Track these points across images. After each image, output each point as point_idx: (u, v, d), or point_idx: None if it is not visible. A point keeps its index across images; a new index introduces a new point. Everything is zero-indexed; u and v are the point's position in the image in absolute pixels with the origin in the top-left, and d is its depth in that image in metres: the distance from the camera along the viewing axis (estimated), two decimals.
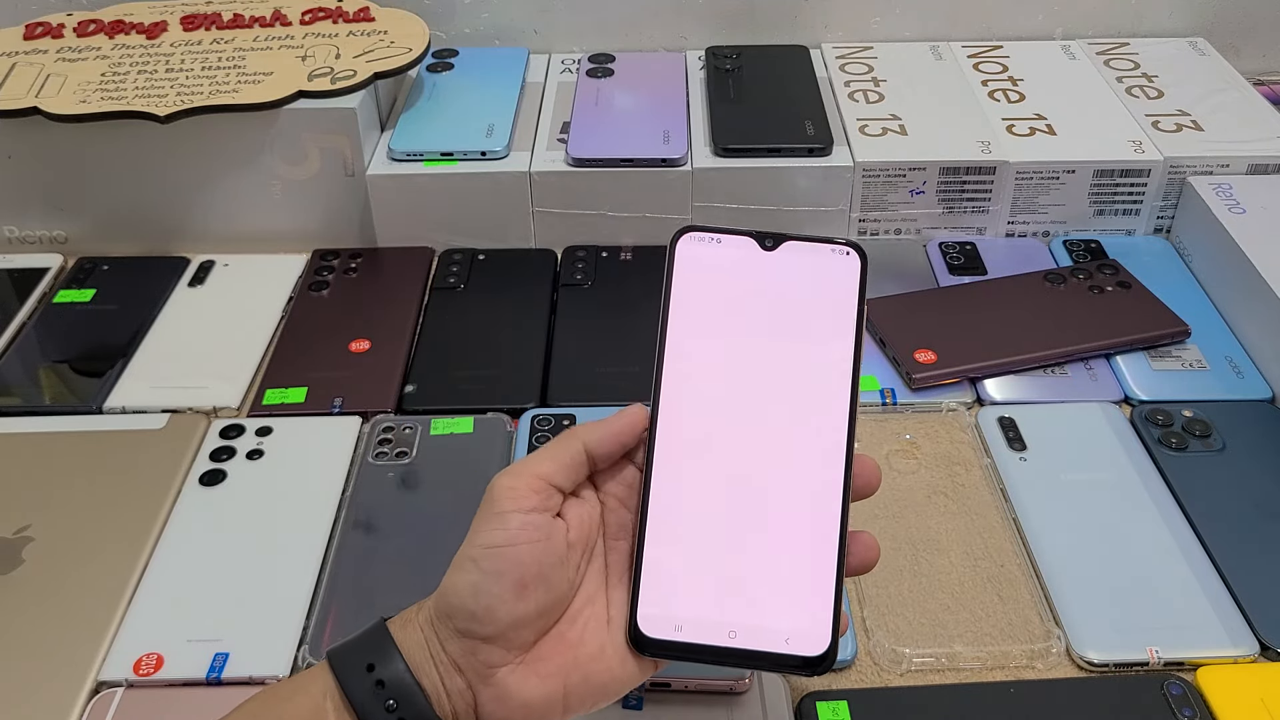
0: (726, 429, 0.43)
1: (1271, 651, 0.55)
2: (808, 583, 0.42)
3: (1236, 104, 0.88)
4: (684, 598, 0.42)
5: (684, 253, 0.45)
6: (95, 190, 0.82)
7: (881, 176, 0.81)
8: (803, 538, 0.42)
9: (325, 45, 0.85)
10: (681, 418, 0.43)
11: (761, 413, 0.44)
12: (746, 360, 0.44)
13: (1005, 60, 0.95)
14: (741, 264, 0.45)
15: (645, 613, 0.41)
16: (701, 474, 0.43)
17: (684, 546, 0.42)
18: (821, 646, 0.41)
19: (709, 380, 0.44)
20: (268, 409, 0.70)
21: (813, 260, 0.45)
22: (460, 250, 0.84)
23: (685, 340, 0.44)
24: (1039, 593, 0.58)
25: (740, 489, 0.43)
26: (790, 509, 0.43)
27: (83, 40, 0.86)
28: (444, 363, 0.73)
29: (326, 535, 0.61)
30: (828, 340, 0.44)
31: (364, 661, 0.41)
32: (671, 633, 0.41)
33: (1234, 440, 0.66)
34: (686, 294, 0.45)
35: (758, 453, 0.43)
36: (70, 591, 0.58)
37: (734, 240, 0.45)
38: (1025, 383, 0.71)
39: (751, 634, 0.41)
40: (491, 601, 0.40)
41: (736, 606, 0.42)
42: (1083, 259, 0.81)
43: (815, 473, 0.43)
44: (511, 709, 0.40)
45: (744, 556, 0.42)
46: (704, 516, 0.43)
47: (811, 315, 0.44)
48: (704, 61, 0.95)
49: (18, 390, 0.72)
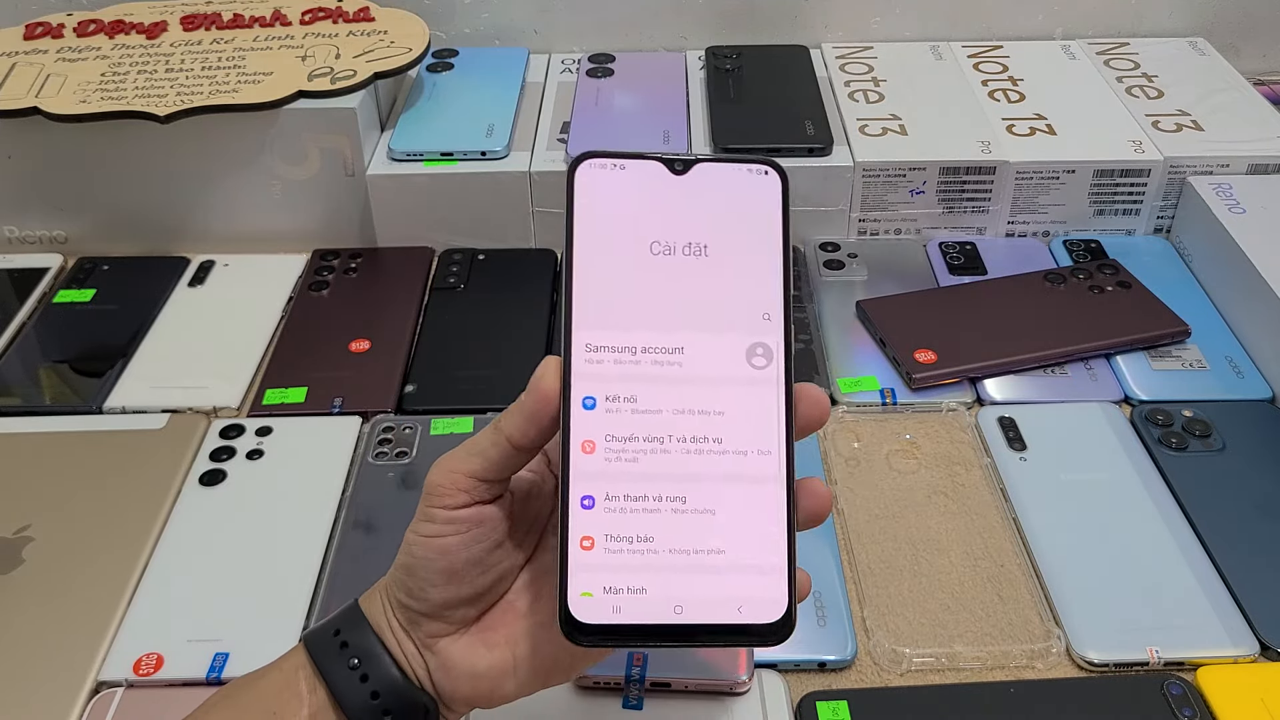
0: (651, 373, 0.38)
1: (1271, 651, 0.55)
2: (759, 542, 0.38)
3: (1236, 104, 0.88)
4: (619, 573, 0.37)
5: (584, 181, 0.40)
6: (95, 190, 0.82)
7: (881, 176, 0.81)
8: (747, 491, 0.38)
9: (325, 45, 0.85)
10: (599, 365, 0.38)
11: (689, 353, 0.39)
12: (666, 294, 0.39)
13: (1005, 60, 0.95)
14: (652, 190, 0.40)
15: (576, 595, 0.37)
16: (627, 428, 0.38)
17: (615, 513, 0.37)
18: (778, 612, 0.37)
19: (626, 320, 0.39)
20: (268, 409, 0.70)
21: (728, 182, 0.40)
22: (460, 250, 0.84)
23: (596, 276, 0.39)
24: (1039, 593, 0.58)
25: (673, 442, 0.38)
26: (730, 460, 0.38)
27: (83, 40, 0.86)
28: (444, 363, 0.73)
29: (326, 535, 0.61)
30: (753, 267, 0.40)
31: (332, 629, 0.42)
32: (609, 614, 0.36)
33: (1234, 440, 0.66)
34: (592, 225, 0.40)
35: (689, 399, 0.38)
36: (70, 591, 0.58)
37: (640, 165, 0.40)
38: (1025, 383, 0.71)
39: (700, 606, 0.37)
40: (421, 584, 0.40)
41: (680, 576, 0.37)
42: (1083, 259, 0.81)
43: (754, 417, 0.38)
44: (457, 678, 0.41)
45: (684, 519, 0.38)
46: (635, 476, 0.38)
47: (733, 240, 0.40)
48: (704, 61, 0.95)
49: (18, 390, 0.72)
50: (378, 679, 0.40)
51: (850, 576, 0.59)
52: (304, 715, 0.40)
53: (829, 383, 0.71)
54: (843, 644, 0.55)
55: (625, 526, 0.38)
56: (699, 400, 0.39)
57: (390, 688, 0.40)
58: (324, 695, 0.40)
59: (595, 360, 0.39)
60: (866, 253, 0.82)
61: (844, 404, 0.70)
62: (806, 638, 0.55)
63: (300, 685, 0.41)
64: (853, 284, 0.80)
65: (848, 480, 0.64)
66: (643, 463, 0.38)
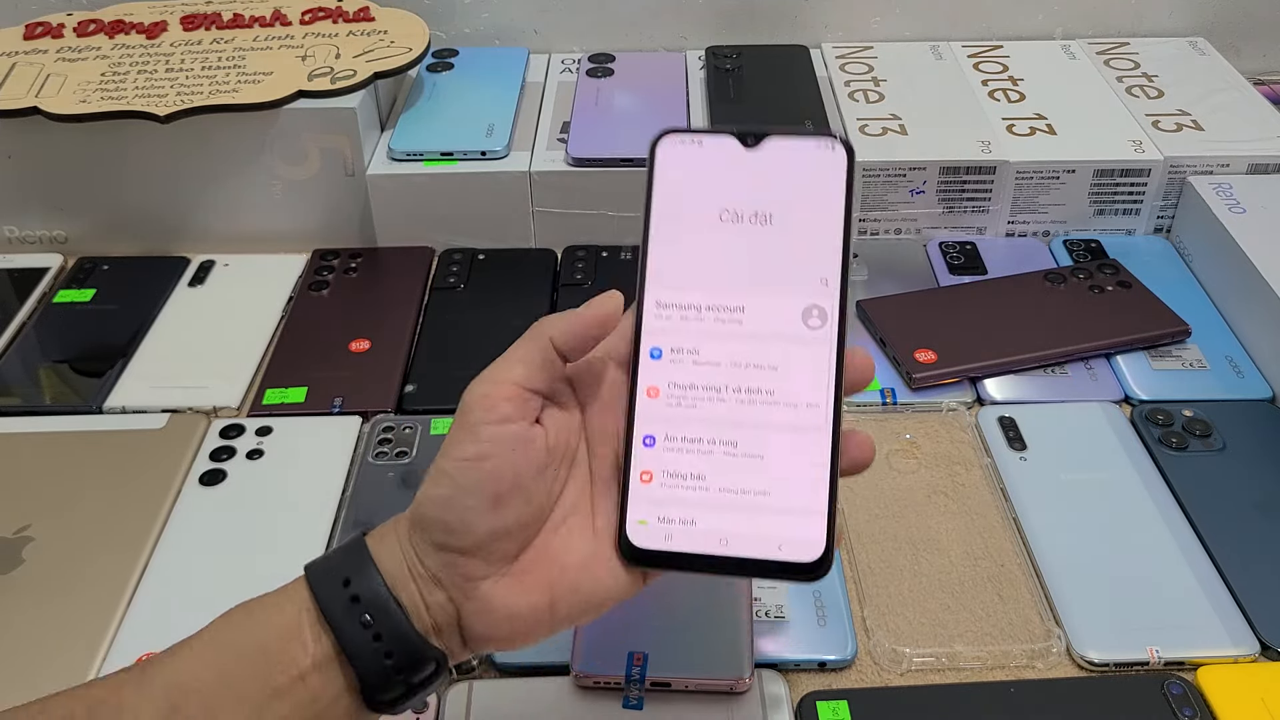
0: (713, 329, 0.42)
1: (1271, 651, 0.55)
2: (802, 487, 0.41)
3: (1236, 104, 0.88)
4: (673, 506, 0.41)
5: (665, 154, 0.44)
6: (95, 190, 0.82)
7: (881, 176, 0.81)
8: (795, 440, 0.42)
9: (325, 45, 0.85)
10: (667, 320, 0.42)
11: (749, 312, 0.42)
12: (732, 258, 0.43)
13: (1005, 60, 0.95)
14: (724, 162, 0.44)
15: (634, 522, 0.41)
16: (689, 378, 0.42)
17: (672, 453, 0.42)
18: (816, 552, 0.40)
19: (694, 280, 0.43)
20: (268, 409, 0.70)
21: (797, 155, 0.43)
22: (460, 250, 0.84)
23: (669, 240, 0.43)
24: (1039, 592, 0.58)
25: (729, 392, 0.42)
26: (781, 411, 0.42)
27: (83, 40, 0.86)
28: (444, 363, 0.73)
29: (326, 535, 0.61)
30: (815, 236, 0.43)
31: (340, 577, 0.40)
32: (662, 542, 0.41)
33: (1234, 440, 0.66)
34: (669, 194, 0.44)
35: (746, 354, 0.42)
36: (70, 591, 0.58)
37: (715, 140, 0.44)
38: (1025, 383, 0.71)
39: (744, 541, 0.41)
40: (466, 515, 0.39)
41: (727, 513, 0.41)
42: (1083, 259, 0.81)
43: (806, 372, 0.42)
44: (496, 621, 0.40)
45: (734, 461, 0.41)
46: (692, 421, 0.42)
47: (797, 211, 0.43)
48: (704, 61, 0.95)
49: (18, 390, 0.72)
50: (391, 637, 0.39)
51: (850, 576, 0.59)
52: (307, 664, 0.39)
53: None
54: (843, 644, 0.55)
55: (681, 465, 0.41)
56: (756, 355, 0.42)
57: (402, 644, 0.39)
58: (329, 645, 0.39)
59: (664, 315, 0.42)
60: (866, 253, 0.82)
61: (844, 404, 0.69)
62: (806, 637, 0.55)
63: (304, 633, 0.39)
64: (853, 284, 0.79)
65: (848, 480, 0.64)
66: (700, 409, 0.42)
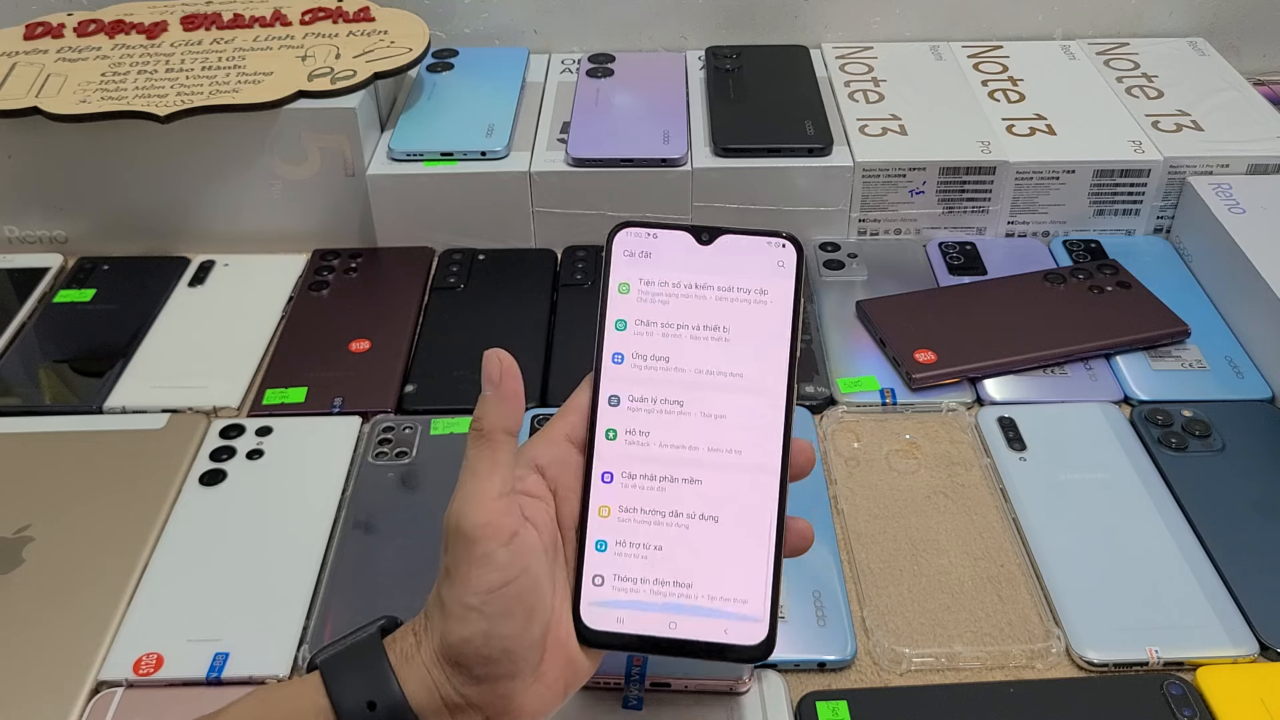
0: (665, 419, 0.45)
1: (1271, 651, 0.54)
2: (746, 572, 0.44)
3: (1236, 104, 0.88)
4: (625, 590, 0.44)
5: (621, 247, 0.46)
6: (95, 190, 0.82)
7: (881, 176, 0.81)
8: (740, 528, 0.44)
9: (325, 45, 0.85)
10: (620, 410, 0.45)
11: (699, 403, 0.45)
12: (684, 350, 0.46)
13: (1005, 60, 0.95)
14: (678, 257, 0.46)
15: (588, 606, 0.43)
16: (640, 466, 0.45)
17: (624, 539, 0.44)
18: (760, 635, 0.43)
19: (648, 371, 0.45)
20: (268, 409, 0.70)
21: (749, 252, 0.46)
22: (460, 250, 0.84)
23: (623, 332, 0.46)
24: (1039, 593, 0.58)
25: (678, 480, 0.45)
26: (728, 498, 0.44)
27: (83, 40, 0.86)
28: (444, 363, 0.73)
29: (326, 535, 0.61)
30: (765, 331, 0.46)
31: (364, 697, 0.40)
32: (614, 624, 0.43)
33: (1234, 440, 0.66)
34: (622, 288, 0.46)
35: (695, 442, 0.45)
36: (70, 591, 0.58)
37: (670, 235, 0.46)
38: (1025, 383, 0.71)
39: (691, 624, 0.43)
40: (507, 643, 0.40)
41: (676, 597, 0.43)
42: (1083, 259, 0.81)
43: (752, 461, 0.45)
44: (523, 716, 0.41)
45: (683, 548, 0.44)
46: (643, 509, 0.44)
47: (748, 307, 0.46)
48: (704, 61, 0.95)
49: (18, 390, 0.72)
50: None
51: (850, 576, 0.59)
52: None
53: (829, 383, 0.71)
54: (843, 644, 0.55)
55: (631, 554, 0.44)
56: (705, 445, 0.45)
57: None
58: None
59: (614, 407, 0.45)
60: (866, 253, 0.83)
61: (844, 404, 0.70)
62: (806, 638, 0.55)
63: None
64: (853, 284, 0.80)
65: (848, 480, 0.64)
66: (650, 502, 0.45)
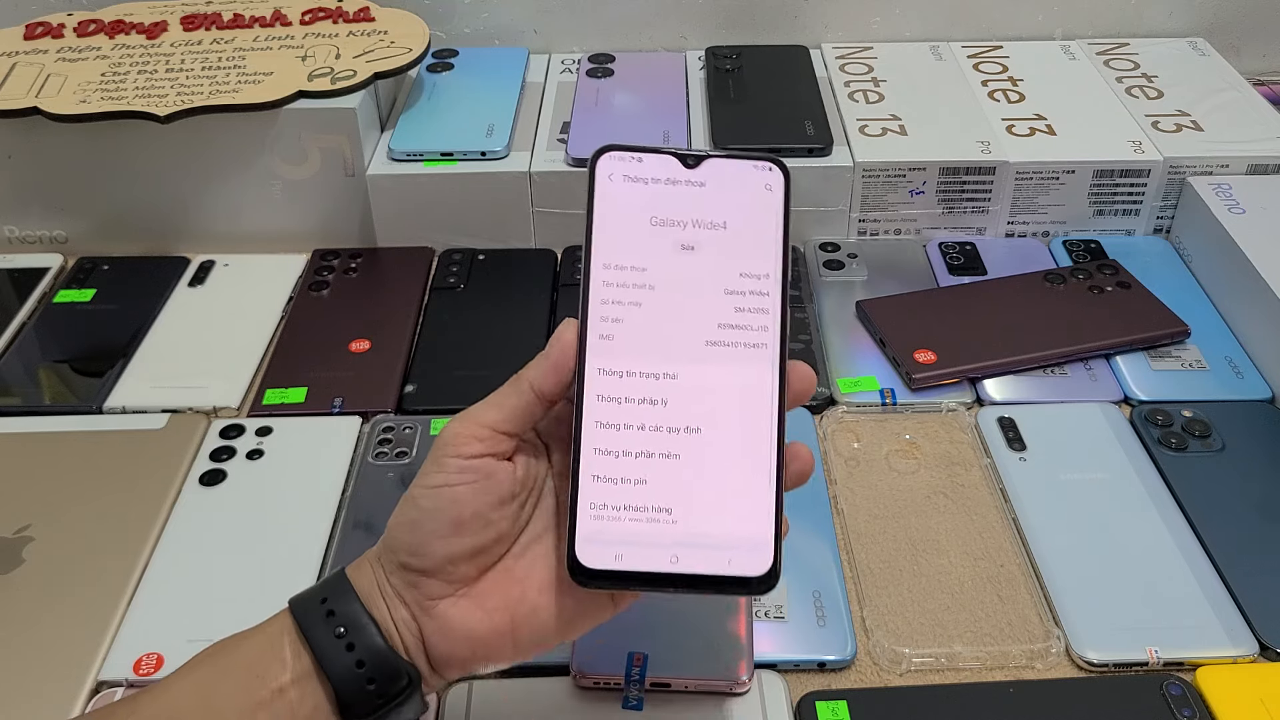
0: (655, 347, 0.43)
1: (1271, 651, 0.55)
2: (747, 501, 0.42)
3: (1236, 104, 0.88)
4: (622, 525, 0.41)
5: (605, 171, 0.44)
6: (95, 190, 0.82)
7: (881, 176, 0.81)
8: (739, 455, 0.42)
9: (325, 45, 0.85)
10: (610, 340, 0.43)
11: (690, 329, 0.43)
12: (672, 276, 0.44)
13: (1005, 60, 0.95)
14: (664, 181, 0.44)
15: (583, 542, 0.41)
16: (632, 396, 0.42)
17: (620, 472, 0.42)
18: (764, 565, 0.41)
19: (636, 299, 0.43)
20: (268, 409, 0.70)
21: (736, 176, 0.45)
22: (460, 250, 0.84)
23: (610, 261, 0.44)
24: (1039, 593, 0.58)
25: (672, 409, 0.42)
26: (724, 426, 0.42)
27: (83, 40, 0.86)
28: (444, 363, 0.73)
29: (326, 535, 0.61)
30: (754, 254, 0.44)
31: (319, 597, 0.42)
32: (612, 561, 0.41)
33: (1234, 440, 0.66)
34: (609, 213, 0.44)
35: (689, 370, 0.43)
36: (70, 591, 0.58)
37: (655, 158, 0.45)
38: (1025, 383, 0.71)
39: (693, 557, 0.41)
40: (426, 537, 0.41)
41: (676, 530, 0.41)
42: (1082, 259, 0.81)
43: (748, 387, 0.43)
44: (455, 641, 0.41)
45: (680, 478, 0.42)
46: (637, 440, 0.42)
47: (736, 229, 0.44)
48: (704, 61, 0.95)
49: (18, 390, 0.72)
50: (363, 647, 0.41)
51: (850, 576, 0.59)
52: (286, 680, 0.41)
53: (829, 383, 0.71)
54: (842, 644, 0.55)
55: (628, 485, 0.42)
56: (698, 370, 0.43)
57: (375, 656, 0.41)
58: (308, 661, 0.41)
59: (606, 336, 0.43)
60: (866, 253, 0.83)
61: (844, 404, 0.70)
62: (806, 638, 0.55)
63: (284, 650, 0.41)
64: (853, 284, 0.80)
65: (848, 480, 0.64)
66: (645, 429, 0.42)
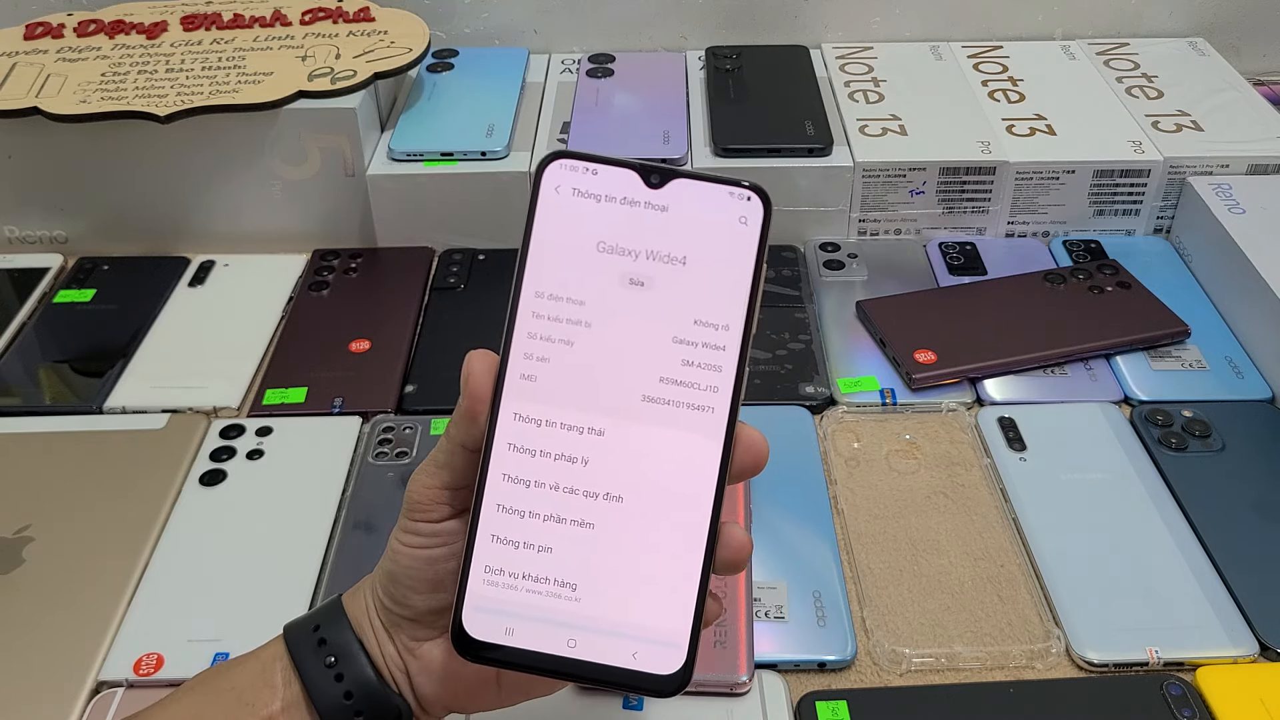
0: (583, 396, 0.37)
1: (1271, 651, 0.55)
2: (666, 587, 0.36)
3: (1236, 104, 0.88)
4: (518, 594, 0.36)
5: (551, 182, 0.38)
6: (95, 190, 0.82)
7: (881, 176, 0.81)
8: (664, 533, 0.36)
9: (325, 45, 0.85)
10: (531, 381, 0.37)
11: (626, 379, 0.36)
12: (614, 315, 0.37)
13: (1005, 60, 0.95)
14: (619, 201, 0.37)
15: (472, 610, 0.36)
16: (549, 450, 0.36)
17: (523, 535, 0.36)
18: (674, 664, 0.35)
19: (568, 336, 0.37)
20: (268, 409, 0.70)
21: (706, 202, 0.37)
22: (460, 250, 0.84)
23: (545, 289, 0.37)
24: (1039, 593, 0.58)
25: (593, 471, 0.36)
26: (650, 498, 0.36)
27: (83, 40, 0.86)
28: (444, 363, 0.73)
29: (326, 535, 0.61)
30: (716, 299, 0.37)
31: (312, 624, 0.42)
32: (501, 636, 0.36)
33: (1234, 440, 0.66)
34: (549, 232, 0.38)
35: (618, 427, 0.36)
36: (70, 591, 0.58)
37: (613, 172, 0.37)
38: (1025, 383, 0.71)
39: (592, 643, 0.35)
40: (405, 592, 0.40)
41: (577, 609, 0.35)
42: (1083, 259, 0.81)
43: (684, 455, 0.36)
44: (440, 681, 0.41)
45: (592, 551, 0.36)
46: (548, 501, 0.36)
47: (699, 267, 0.37)
48: (704, 61, 0.95)
49: (18, 390, 0.72)
50: (352, 679, 0.40)
51: (850, 576, 0.59)
52: (276, 708, 0.40)
53: (829, 383, 0.71)
54: (842, 644, 0.55)
55: (535, 548, 0.37)
56: (635, 437, 0.37)
57: (364, 688, 0.40)
58: (298, 689, 0.40)
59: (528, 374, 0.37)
60: (866, 253, 0.83)
61: (844, 404, 0.70)
62: (806, 638, 0.55)
63: (276, 677, 0.41)
64: (853, 284, 0.80)
65: (848, 480, 0.64)
66: (559, 488, 0.37)
